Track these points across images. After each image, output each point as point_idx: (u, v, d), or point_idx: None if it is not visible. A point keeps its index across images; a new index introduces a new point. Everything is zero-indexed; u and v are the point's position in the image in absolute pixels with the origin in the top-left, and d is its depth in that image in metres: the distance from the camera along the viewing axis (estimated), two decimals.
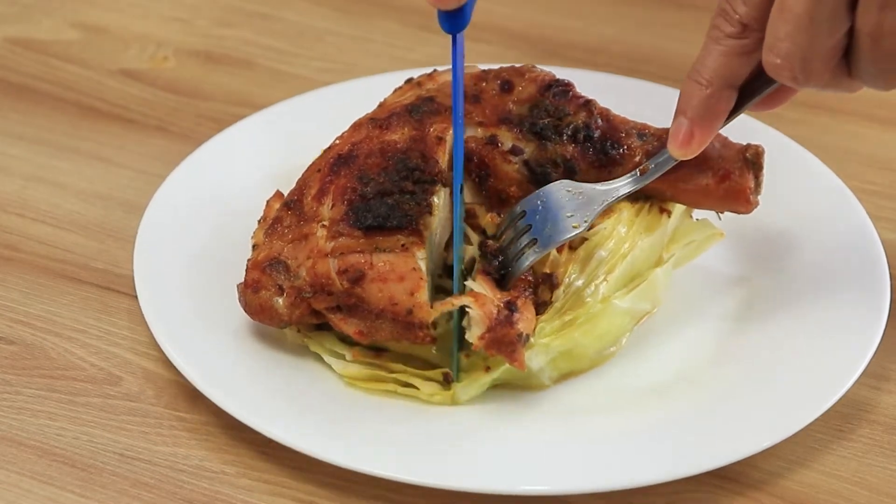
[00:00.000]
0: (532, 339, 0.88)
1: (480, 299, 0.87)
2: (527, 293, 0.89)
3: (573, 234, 0.88)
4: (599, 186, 0.89)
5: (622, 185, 0.89)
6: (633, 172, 0.89)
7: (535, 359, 0.89)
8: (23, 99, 1.24)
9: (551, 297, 0.91)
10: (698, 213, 0.99)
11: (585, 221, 0.88)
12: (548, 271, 0.91)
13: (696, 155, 0.87)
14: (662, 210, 0.95)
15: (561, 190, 0.90)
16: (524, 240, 0.89)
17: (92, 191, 1.12)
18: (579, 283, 0.91)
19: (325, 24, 1.37)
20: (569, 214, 0.88)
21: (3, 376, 0.93)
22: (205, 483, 0.86)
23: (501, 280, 0.90)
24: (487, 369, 0.89)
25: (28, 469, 0.86)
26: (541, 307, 0.91)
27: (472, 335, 0.86)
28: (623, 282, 0.93)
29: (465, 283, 0.89)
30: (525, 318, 0.87)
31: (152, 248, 0.99)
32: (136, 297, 0.95)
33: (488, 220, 0.93)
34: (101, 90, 1.26)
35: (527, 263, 0.89)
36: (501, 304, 0.86)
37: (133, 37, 1.34)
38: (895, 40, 0.73)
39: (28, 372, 0.94)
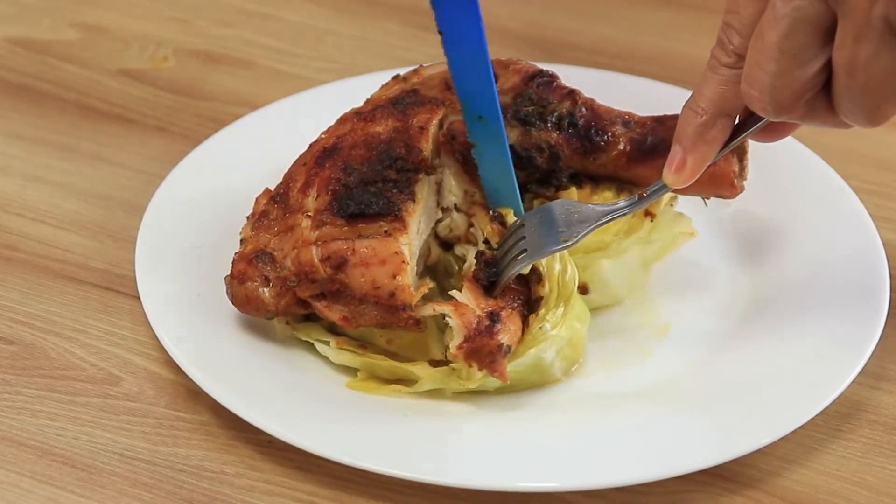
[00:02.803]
0: (551, 331, 0.89)
1: (460, 308, 0.87)
2: (515, 304, 0.89)
3: (560, 247, 0.89)
4: (597, 207, 0.90)
5: (618, 207, 0.90)
6: (631, 196, 0.90)
7: (547, 350, 0.89)
8: (23, 99, 1.24)
9: (539, 291, 0.91)
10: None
11: (574, 237, 0.88)
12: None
13: (689, 184, 0.86)
14: (647, 213, 0.96)
15: (561, 207, 0.91)
16: (515, 250, 0.90)
17: (92, 191, 1.12)
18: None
19: (325, 24, 1.37)
20: (561, 229, 0.89)
21: (3, 376, 0.93)
22: (205, 483, 0.86)
23: (490, 287, 0.90)
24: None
25: (28, 469, 0.87)
26: (535, 304, 0.91)
27: (452, 345, 0.86)
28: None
29: (450, 292, 0.89)
30: (508, 330, 0.87)
31: (153, 247, 0.99)
32: (136, 296, 0.95)
33: (490, 230, 0.93)
34: (101, 90, 1.26)
35: (513, 271, 0.89)
36: (483, 315, 0.86)
37: (133, 37, 1.34)
38: (870, 73, 0.72)
39: (28, 372, 0.94)
